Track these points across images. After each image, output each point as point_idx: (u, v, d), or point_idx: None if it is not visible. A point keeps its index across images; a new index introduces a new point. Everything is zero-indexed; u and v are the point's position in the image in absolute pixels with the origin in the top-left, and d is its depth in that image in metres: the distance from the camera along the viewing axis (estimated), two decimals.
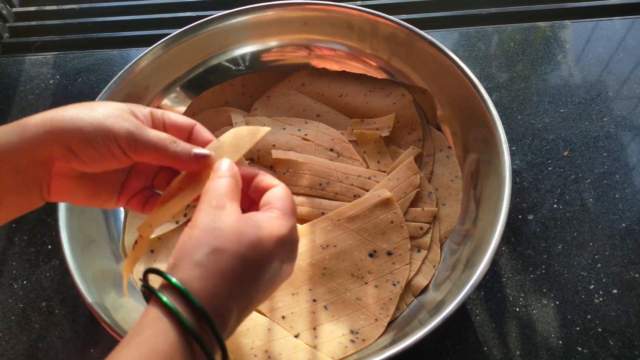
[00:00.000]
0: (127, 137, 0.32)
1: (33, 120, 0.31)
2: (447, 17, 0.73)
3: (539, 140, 0.59)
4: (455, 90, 0.53)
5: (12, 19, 0.78)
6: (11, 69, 0.71)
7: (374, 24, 0.57)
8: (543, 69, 0.65)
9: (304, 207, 0.53)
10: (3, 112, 0.67)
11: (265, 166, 0.57)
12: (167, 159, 0.33)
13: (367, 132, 0.56)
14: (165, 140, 0.33)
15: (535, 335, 0.48)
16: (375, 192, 0.52)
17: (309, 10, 0.58)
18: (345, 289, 0.49)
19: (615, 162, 0.57)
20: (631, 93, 0.62)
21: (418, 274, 0.50)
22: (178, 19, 0.75)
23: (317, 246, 0.50)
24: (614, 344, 0.47)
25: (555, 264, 0.52)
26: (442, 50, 0.53)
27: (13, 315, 0.52)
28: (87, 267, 0.45)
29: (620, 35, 0.67)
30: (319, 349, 0.46)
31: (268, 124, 0.59)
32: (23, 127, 0.31)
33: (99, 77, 0.69)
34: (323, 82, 0.61)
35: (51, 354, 0.50)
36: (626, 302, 0.49)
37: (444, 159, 0.56)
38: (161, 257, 0.52)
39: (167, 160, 0.34)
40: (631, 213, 0.54)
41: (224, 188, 0.32)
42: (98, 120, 0.32)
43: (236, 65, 0.62)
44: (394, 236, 0.50)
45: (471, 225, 0.49)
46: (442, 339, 0.49)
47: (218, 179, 0.32)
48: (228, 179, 0.32)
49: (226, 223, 0.30)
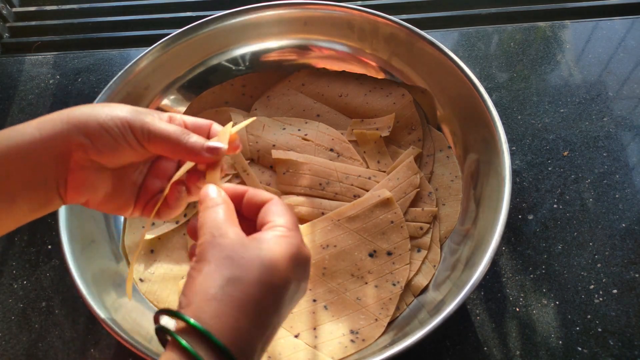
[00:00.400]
0: (141, 126, 0.32)
1: (51, 115, 0.32)
2: (447, 17, 0.73)
3: (539, 140, 0.59)
4: (455, 90, 0.53)
5: (12, 19, 0.78)
6: (11, 69, 0.71)
7: (374, 24, 0.57)
8: (543, 69, 0.65)
9: (304, 207, 0.53)
10: (3, 112, 0.67)
11: (265, 166, 0.57)
12: (181, 150, 0.33)
13: (367, 132, 0.56)
14: (177, 131, 0.33)
15: (535, 335, 0.48)
16: (375, 192, 0.52)
17: (309, 10, 0.58)
18: (345, 289, 0.49)
19: (615, 162, 0.57)
20: (631, 93, 0.62)
21: (418, 274, 0.50)
22: (178, 19, 0.75)
23: (317, 246, 0.50)
24: (614, 344, 0.47)
25: (555, 264, 0.52)
26: (442, 50, 0.53)
27: (13, 315, 0.52)
28: (87, 267, 0.45)
29: (620, 35, 0.67)
30: (319, 349, 0.46)
31: (268, 124, 0.59)
32: (42, 122, 0.31)
33: (99, 77, 0.69)
34: (323, 82, 0.61)
35: (51, 354, 0.50)
36: (626, 302, 0.49)
37: (444, 159, 0.56)
38: (161, 257, 0.52)
39: (180, 151, 0.33)
40: (631, 213, 0.54)
41: (221, 216, 0.30)
42: (114, 112, 0.32)
43: (236, 65, 0.62)
44: (394, 236, 0.50)
45: (471, 225, 0.49)
46: (442, 339, 0.49)
47: (212, 208, 0.31)
48: (222, 206, 0.31)
49: (235, 251, 0.28)
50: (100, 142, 0.32)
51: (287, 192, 0.55)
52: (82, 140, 0.31)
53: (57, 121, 0.31)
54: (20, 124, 0.31)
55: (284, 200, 0.54)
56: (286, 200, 0.54)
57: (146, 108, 0.36)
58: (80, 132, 0.31)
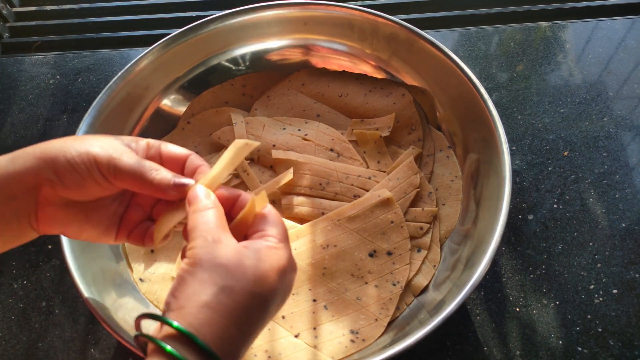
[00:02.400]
0: (107, 162, 0.32)
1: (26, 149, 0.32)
2: (447, 17, 0.73)
3: (539, 140, 0.59)
4: (455, 90, 0.53)
5: (12, 19, 0.78)
6: (11, 69, 0.71)
7: (375, 24, 0.57)
8: (543, 69, 0.65)
9: (304, 207, 0.53)
10: (3, 112, 0.67)
11: (265, 166, 0.57)
12: (147, 186, 0.33)
13: (367, 132, 0.56)
14: (144, 167, 0.32)
15: (535, 335, 0.48)
16: (376, 192, 0.52)
17: (309, 10, 0.58)
18: (346, 288, 0.49)
19: (615, 162, 0.57)
20: (631, 93, 0.62)
21: (418, 274, 0.50)
22: (178, 19, 0.75)
23: (317, 246, 0.50)
24: (614, 344, 0.47)
25: (555, 264, 0.52)
26: (442, 50, 0.53)
27: (13, 315, 0.52)
28: (87, 267, 0.45)
29: (620, 35, 0.67)
30: (319, 349, 0.46)
31: (268, 124, 0.59)
32: (16, 155, 0.32)
33: (99, 77, 0.69)
34: (323, 82, 0.61)
35: (51, 354, 0.50)
36: (626, 302, 0.49)
37: (444, 159, 0.56)
38: (161, 257, 0.52)
39: (146, 188, 0.33)
40: (631, 213, 0.54)
41: (214, 220, 0.30)
42: (84, 147, 0.32)
43: (236, 65, 0.62)
44: (394, 236, 0.50)
45: (471, 225, 0.49)
46: (442, 339, 0.49)
47: (203, 211, 0.31)
48: (213, 210, 0.31)
49: (229, 259, 0.29)
50: (67, 178, 0.32)
51: (287, 192, 0.55)
52: (50, 176, 0.31)
53: (30, 156, 0.31)
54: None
55: (284, 200, 0.54)
56: (286, 200, 0.54)
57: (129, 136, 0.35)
58: (49, 168, 0.31)
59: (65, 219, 0.34)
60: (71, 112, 0.66)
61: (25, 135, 0.64)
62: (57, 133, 0.64)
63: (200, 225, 0.30)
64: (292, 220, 0.53)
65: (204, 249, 0.29)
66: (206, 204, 0.31)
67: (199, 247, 0.29)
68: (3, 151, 0.32)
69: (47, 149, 0.32)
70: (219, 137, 0.58)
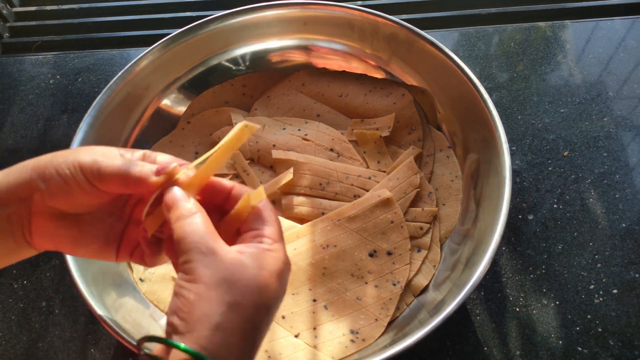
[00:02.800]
0: (91, 165, 0.31)
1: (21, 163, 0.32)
2: (447, 17, 0.73)
3: (539, 140, 0.59)
4: (455, 90, 0.53)
5: (12, 19, 0.78)
6: (11, 69, 0.71)
7: (375, 24, 0.57)
8: (543, 69, 0.65)
9: (304, 207, 0.53)
10: (3, 112, 0.67)
11: (265, 166, 0.57)
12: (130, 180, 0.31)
13: (367, 132, 0.56)
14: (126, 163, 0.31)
15: (535, 335, 0.48)
16: (376, 192, 0.52)
17: (309, 10, 0.58)
18: (346, 288, 0.49)
19: (615, 162, 0.57)
20: (631, 93, 0.62)
21: (418, 274, 0.50)
22: (178, 19, 0.75)
23: (317, 246, 0.50)
24: (614, 344, 0.47)
25: (555, 264, 0.52)
26: (442, 50, 0.53)
27: (13, 315, 0.52)
28: (87, 267, 0.45)
29: (620, 35, 0.67)
30: (319, 349, 0.46)
31: (268, 124, 0.59)
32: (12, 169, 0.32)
33: (99, 77, 0.69)
34: (323, 82, 0.61)
35: (51, 354, 0.50)
36: (626, 302, 0.49)
37: (444, 159, 0.56)
38: None
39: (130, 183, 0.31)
40: (631, 213, 0.54)
41: (202, 228, 0.29)
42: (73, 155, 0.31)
43: (236, 65, 0.62)
44: (394, 236, 0.50)
45: (471, 225, 0.49)
46: (442, 339, 0.49)
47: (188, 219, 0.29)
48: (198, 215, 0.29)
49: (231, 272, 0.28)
50: (53, 184, 0.31)
51: (287, 192, 0.55)
52: (40, 185, 0.31)
53: (23, 168, 0.31)
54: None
55: (284, 200, 0.54)
56: (286, 200, 0.54)
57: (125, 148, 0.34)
58: (40, 177, 0.31)
59: (57, 232, 0.33)
60: (71, 112, 0.66)
61: (25, 135, 0.64)
62: (57, 133, 0.64)
63: (189, 235, 0.28)
64: (292, 220, 0.53)
65: (201, 262, 0.28)
66: (190, 209, 0.29)
67: (195, 262, 0.28)
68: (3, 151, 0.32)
69: (39, 159, 0.32)
70: (219, 137, 0.58)
